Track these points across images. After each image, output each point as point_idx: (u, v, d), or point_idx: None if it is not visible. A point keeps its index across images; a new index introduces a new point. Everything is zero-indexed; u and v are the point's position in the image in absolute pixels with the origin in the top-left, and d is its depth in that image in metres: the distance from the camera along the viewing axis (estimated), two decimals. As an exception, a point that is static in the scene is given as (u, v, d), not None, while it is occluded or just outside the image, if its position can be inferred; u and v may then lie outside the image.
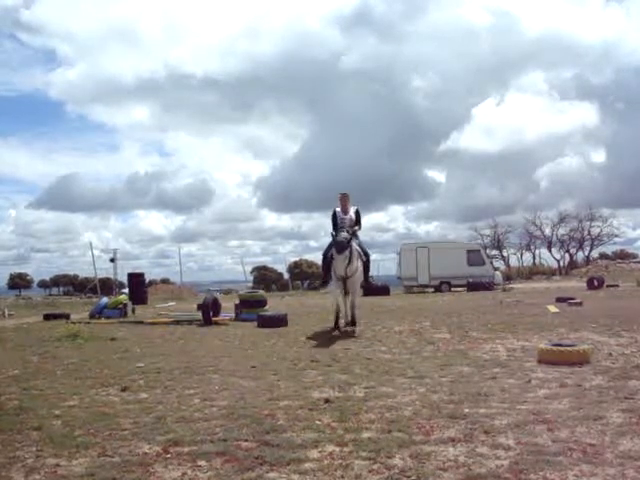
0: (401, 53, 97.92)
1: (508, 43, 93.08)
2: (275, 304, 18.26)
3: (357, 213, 10.31)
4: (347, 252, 9.34)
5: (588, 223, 50.28)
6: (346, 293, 10.17)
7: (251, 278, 59.19)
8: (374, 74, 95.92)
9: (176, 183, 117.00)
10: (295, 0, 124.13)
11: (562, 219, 51.03)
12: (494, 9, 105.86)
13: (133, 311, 16.72)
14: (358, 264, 9.85)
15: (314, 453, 3.68)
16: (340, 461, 3.52)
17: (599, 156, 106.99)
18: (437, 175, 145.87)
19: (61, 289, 74.49)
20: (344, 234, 9.49)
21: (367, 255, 10.46)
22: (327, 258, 10.22)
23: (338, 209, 10.24)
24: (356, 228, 10.26)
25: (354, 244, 9.77)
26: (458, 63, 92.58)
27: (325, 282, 11.04)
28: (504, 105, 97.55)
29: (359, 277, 10.05)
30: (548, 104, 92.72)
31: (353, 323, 10.22)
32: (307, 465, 3.47)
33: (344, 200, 10.31)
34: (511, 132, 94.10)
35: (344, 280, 9.79)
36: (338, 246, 9.33)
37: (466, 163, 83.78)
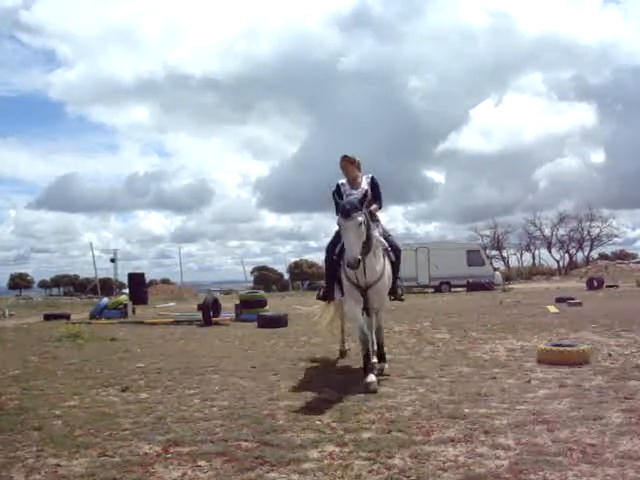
0: (400, 54, 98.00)
1: (506, 44, 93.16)
2: (275, 304, 18.28)
3: (374, 184, 6.33)
4: (360, 217, 5.45)
5: (588, 223, 50.39)
6: (366, 311, 6.13)
7: (251, 278, 59.32)
8: (373, 75, 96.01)
9: (176, 183, 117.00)
10: (294, 1, 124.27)
11: (562, 219, 51.14)
12: (492, 10, 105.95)
13: (133, 311, 16.76)
14: (385, 264, 6.04)
15: (314, 453, 3.68)
16: (340, 461, 3.52)
17: (598, 157, 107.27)
18: (436, 176, 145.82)
19: (61, 289, 74.48)
20: (353, 197, 5.84)
21: (397, 251, 6.50)
22: (330, 254, 6.35)
23: (343, 181, 6.35)
24: (374, 207, 6.22)
25: (375, 233, 6.02)
26: (457, 64, 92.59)
27: (327, 293, 6.69)
28: (503, 106, 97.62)
29: (385, 285, 6.09)
30: (547, 105, 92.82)
31: (381, 357, 6.55)
32: (307, 465, 3.47)
33: (349, 167, 6.32)
34: (510, 133, 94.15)
35: (362, 291, 5.89)
36: (345, 208, 5.51)
37: (465, 164, 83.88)
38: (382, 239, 6.21)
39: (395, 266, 6.38)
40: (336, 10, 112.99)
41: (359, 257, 5.37)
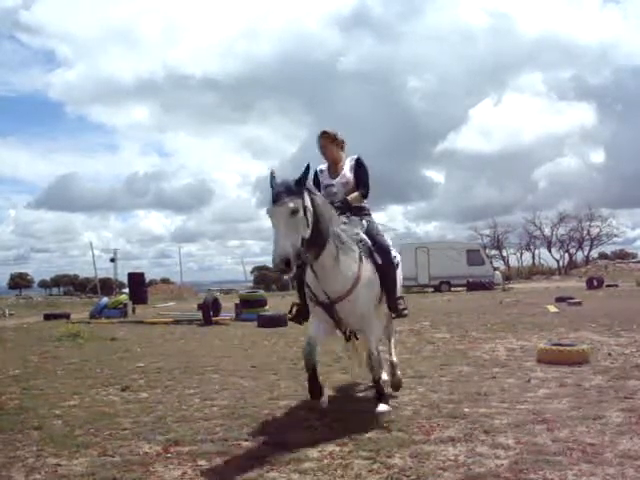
0: (399, 54, 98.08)
1: (506, 44, 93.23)
2: (275, 304, 18.28)
3: (358, 166, 4.92)
4: (292, 204, 3.95)
5: (587, 223, 50.35)
6: (345, 335, 4.92)
7: (251, 278, 59.17)
8: (372, 75, 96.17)
9: (176, 183, 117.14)
10: (293, 1, 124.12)
11: (562, 219, 51.10)
12: (492, 10, 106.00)
13: (133, 311, 16.76)
14: (363, 270, 4.42)
15: (314, 453, 3.68)
16: (340, 460, 3.52)
17: (597, 156, 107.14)
18: (436, 175, 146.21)
19: (61, 289, 74.46)
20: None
21: (386, 251, 4.75)
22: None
23: (322, 167, 5.04)
24: (354, 196, 4.86)
25: (355, 229, 4.61)
26: (456, 64, 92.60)
27: (299, 313, 5.03)
28: (502, 106, 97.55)
29: (364, 298, 4.42)
30: (546, 105, 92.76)
31: (380, 398, 4.69)
32: (307, 465, 3.47)
33: (329, 147, 4.94)
34: (510, 133, 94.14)
35: (326, 307, 4.45)
36: (276, 191, 4.03)
37: (464, 163, 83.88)
38: (364, 237, 4.62)
39: (386, 272, 4.63)
40: (336, 10, 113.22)
41: (289, 257, 3.76)
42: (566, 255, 52.92)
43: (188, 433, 4.18)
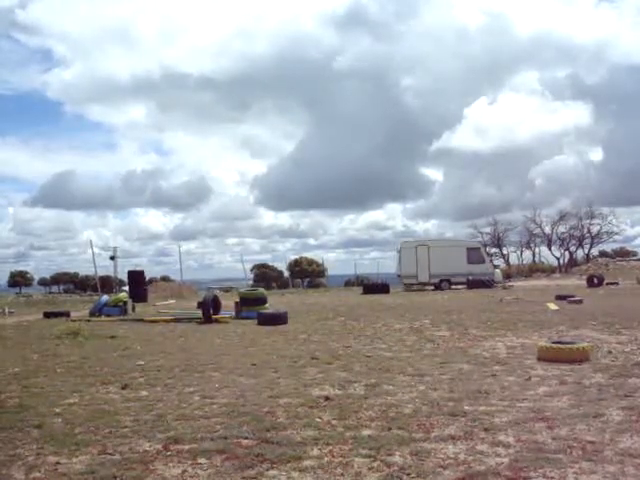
0: (395, 53, 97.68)
1: (501, 43, 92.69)
2: (275, 302, 18.28)
3: None
4: None
5: (588, 221, 50.27)
6: None
7: (251, 276, 59.13)
8: (369, 74, 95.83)
9: (174, 181, 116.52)
10: (290, 0, 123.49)
11: (562, 217, 51.02)
12: (487, 10, 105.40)
13: (133, 309, 16.73)
14: None
15: (314, 451, 3.68)
16: (340, 459, 3.52)
17: (594, 155, 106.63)
18: (434, 173, 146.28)
19: (61, 287, 74.47)
20: None
21: None
22: None
23: None
24: None
25: None
26: (452, 63, 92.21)
27: None
28: (498, 105, 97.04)
29: None
30: (542, 103, 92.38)
31: None
32: (307, 463, 3.47)
33: None
34: (506, 131, 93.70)
35: None
36: None
37: (462, 161, 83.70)
38: None
39: None
40: (332, 9, 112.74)
41: None
42: (566, 253, 52.85)
43: (188, 431, 4.18)
